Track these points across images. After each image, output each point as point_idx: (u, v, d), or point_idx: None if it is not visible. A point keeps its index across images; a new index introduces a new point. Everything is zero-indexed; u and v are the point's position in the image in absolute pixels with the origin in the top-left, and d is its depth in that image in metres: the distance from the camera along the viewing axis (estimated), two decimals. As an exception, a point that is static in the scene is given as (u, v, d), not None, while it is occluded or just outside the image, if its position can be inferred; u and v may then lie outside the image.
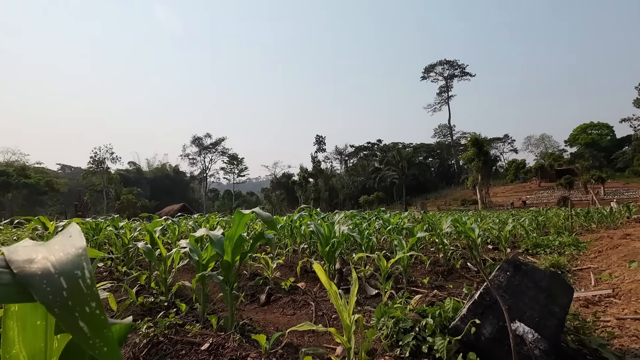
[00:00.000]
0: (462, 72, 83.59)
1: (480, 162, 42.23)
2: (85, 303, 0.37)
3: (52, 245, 0.42)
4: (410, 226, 5.55)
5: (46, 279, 0.36)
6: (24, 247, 0.43)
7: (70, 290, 0.37)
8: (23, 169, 57.19)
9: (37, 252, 0.40)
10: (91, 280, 0.40)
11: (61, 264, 0.38)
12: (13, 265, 0.37)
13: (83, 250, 0.42)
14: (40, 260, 0.38)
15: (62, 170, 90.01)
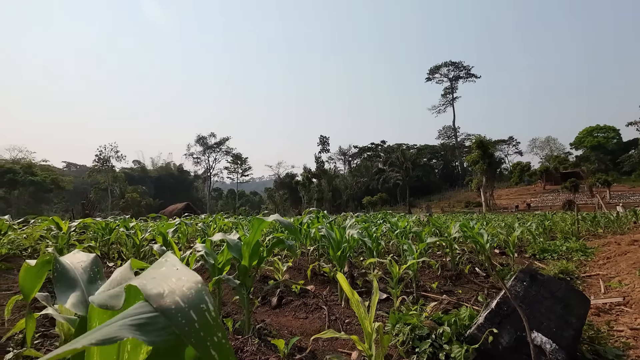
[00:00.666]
0: (467, 74, 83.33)
1: (485, 164, 42.08)
2: (214, 333, 0.41)
3: (169, 277, 0.46)
4: (418, 230, 5.57)
5: (180, 312, 0.40)
6: (152, 278, 0.47)
7: (201, 322, 0.41)
8: (29, 167, 57.71)
9: (161, 285, 0.44)
10: (215, 312, 0.44)
11: (187, 298, 0.42)
12: (150, 300, 0.41)
13: (202, 284, 0.46)
14: (169, 295, 0.42)
15: (68, 168, 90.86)
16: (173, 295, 0.42)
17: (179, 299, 0.41)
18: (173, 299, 0.41)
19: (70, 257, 0.93)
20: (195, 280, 0.47)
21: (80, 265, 0.91)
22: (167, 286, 0.43)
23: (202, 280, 0.48)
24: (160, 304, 0.40)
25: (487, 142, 44.82)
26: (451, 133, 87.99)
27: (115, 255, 5.94)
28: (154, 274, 0.49)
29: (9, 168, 53.40)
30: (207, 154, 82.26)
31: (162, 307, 0.39)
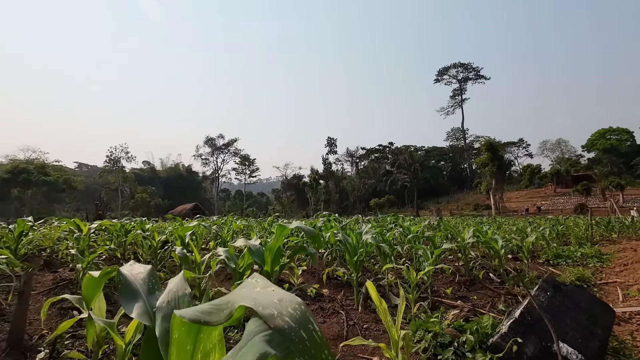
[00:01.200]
0: (476, 75, 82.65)
1: (494, 166, 41.62)
2: (322, 351, 0.45)
3: (271, 299, 0.51)
4: (431, 235, 5.57)
5: (293, 332, 0.45)
6: (253, 298, 0.52)
7: (311, 341, 0.45)
8: (43, 167, 58.88)
9: (269, 307, 0.48)
10: (320, 332, 0.48)
11: (296, 319, 0.47)
12: (265, 320, 0.45)
13: (304, 306, 0.51)
14: (279, 316, 0.46)
15: (79, 168, 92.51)
16: (283, 316, 0.46)
17: (289, 320, 0.46)
18: (284, 319, 0.46)
19: (128, 269, 0.99)
20: (298, 302, 0.52)
21: (139, 277, 0.97)
22: (274, 307, 0.48)
23: (303, 302, 0.53)
24: (275, 324, 0.44)
25: (496, 144, 44.31)
26: (460, 135, 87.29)
27: (131, 256, 6.06)
28: (253, 294, 0.53)
29: (23, 168, 54.59)
30: (216, 155, 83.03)
31: (277, 327, 0.44)
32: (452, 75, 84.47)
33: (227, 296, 0.58)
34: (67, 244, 5.69)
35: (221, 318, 0.52)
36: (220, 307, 0.55)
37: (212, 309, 0.56)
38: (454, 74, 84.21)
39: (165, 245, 6.00)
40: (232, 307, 0.51)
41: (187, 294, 0.97)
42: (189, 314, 0.60)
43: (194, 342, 0.70)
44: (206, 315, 0.56)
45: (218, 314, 0.54)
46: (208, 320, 0.56)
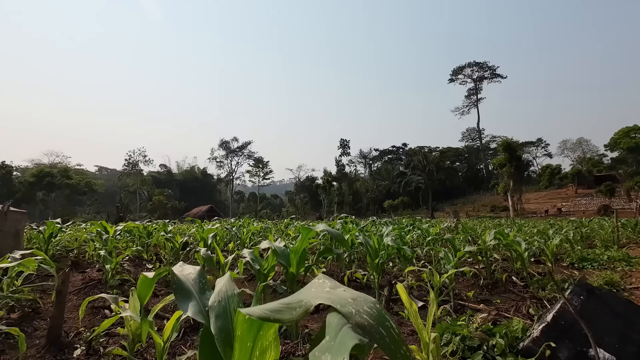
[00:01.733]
0: (492, 74, 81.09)
1: (512, 167, 40.65)
2: (400, 347, 0.48)
3: (345, 298, 0.54)
4: (451, 237, 5.50)
5: (373, 328, 0.48)
6: (328, 297, 0.55)
7: (390, 337, 0.48)
8: (65, 171, 61.11)
9: (347, 305, 0.51)
10: (398, 329, 0.51)
11: (373, 317, 0.50)
12: (347, 317, 0.48)
13: (379, 305, 0.54)
14: (357, 314, 0.49)
15: (100, 171, 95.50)
16: (361, 314, 0.49)
17: (367, 317, 0.49)
18: (362, 317, 0.49)
19: (179, 269, 1.04)
20: (372, 301, 0.55)
21: (190, 277, 1.02)
22: (350, 306, 0.51)
23: (377, 301, 0.56)
24: (356, 321, 0.47)
25: (514, 144, 43.30)
26: (475, 135, 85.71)
27: (153, 257, 6.23)
28: (326, 294, 0.56)
29: (48, 172, 56.78)
30: (230, 157, 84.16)
31: (358, 324, 0.47)
32: (467, 74, 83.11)
33: (297, 295, 0.61)
34: (94, 245, 5.90)
35: (294, 316, 0.56)
36: (291, 305, 0.58)
37: (282, 307, 0.60)
38: (468, 74, 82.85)
39: (187, 247, 6.14)
40: (307, 305, 0.54)
41: (235, 294, 1.02)
42: (256, 312, 0.64)
43: (253, 339, 0.74)
44: (276, 313, 0.60)
45: (290, 312, 0.57)
46: (279, 317, 0.59)
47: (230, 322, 0.94)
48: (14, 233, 4.85)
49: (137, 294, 1.17)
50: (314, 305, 0.52)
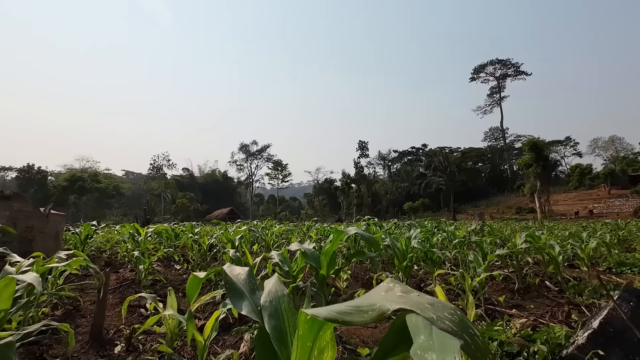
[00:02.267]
0: (516, 71, 78.48)
1: (538, 167, 39.10)
2: (486, 355, 0.48)
3: (422, 303, 0.55)
4: (478, 240, 5.36)
5: (457, 335, 0.48)
6: (403, 302, 0.56)
7: (475, 345, 0.48)
8: (95, 175, 64.07)
9: (426, 310, 0.52)
10: (482, 337, 0.52)
11: (456, 323, 0.50)
12: (434, 323, 0.49)
13: (460, 311, 0.55)
14: (440, 319, 0.50)
15: (126, 175, 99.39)
16: (442, 319, 0.49)
17: (450, 324, 0.49)
18: (445, 322, 0.49)
19: (229, 270, 1.08)
20: (451, 307, 0.55)
21: (240, 278, 1.05)
22: (429, 311, 0.52)
23: (456, 307, 0.56)
24: (440, 327, 0.48)
25: (540, 143, 41.62)
26: (499, 134, 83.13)
27: (181, 258, 6.42)
28: (400, 298, 0.57)
29: (79, 176, 59.72)
30: (250, 161, 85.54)
31: (444, 329, 0.47)
32: (489, 72, 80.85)
33: (367, 299, 0.62)
34: (126, 246, 6.15)
35: (365, 319, 0.56)
36: (361, 308, 0.59)
37: (351, 310, 0.60)
38: (491, 72, 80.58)
39: (213, 249, 6.29)
40: (382, 309, 0.54)
41: (285, 294, 1.04)
42: (322, 314, 0.65)
43: (313, 339, 0.76)
44: (344, 316, 0.61)
45: (360, 315, 0.58)
46: (348, 320, 0.60)
47: (282, 322, 0.96)
48: (54, 234, 5.12)
49: (186, 292, 1.22)
50: (391, 310, 0.53)
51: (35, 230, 4.79)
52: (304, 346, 0.76)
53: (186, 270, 5.73)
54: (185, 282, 5.34)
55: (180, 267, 5.92)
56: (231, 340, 2.90)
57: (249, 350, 2.43)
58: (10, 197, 4.64)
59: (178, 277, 5.49)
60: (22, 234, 4.65)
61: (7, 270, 1.81)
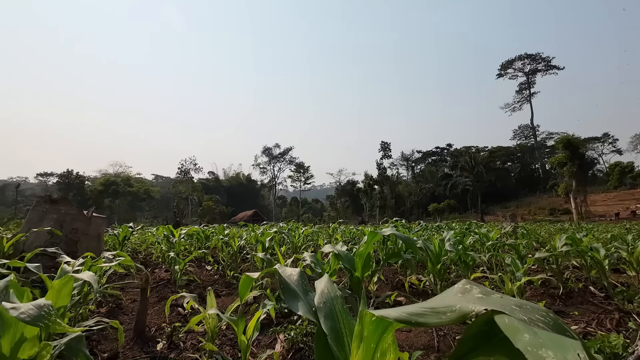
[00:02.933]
0: (547, 66, 74.87)
1: (574, 166, 37.04)
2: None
3: (509, 304, 0.54)
4: (513, 242, 5.14)
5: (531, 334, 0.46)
6: (485, 302, 0.55)
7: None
8: (128, 179, 67.26)
9: (515, 312, 0.51)
10: (583, 341, 0.50)
11: (550, 325, 0.49)
12: (531, 325, 0.48)
13: (553, 313, 0.54)
14: (532, 322, 0.48)
15: (156, 179, 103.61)
16: (536, 322, 0.48)
17: (544, 326, 0.47)
18: (539, 325, 0.48)
19: (281, 270, 1.10)
20: (542, 309, 0.54)
21: (292, 278, 1.07)
22: (520, 313, 0.50)
23: (547, 309, 0.55)
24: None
25: (575, 140, 39.40)
26: (529, 132, 79.62)
27: (211, 259, 6.59)
28: (482, 300, 0.56)
29: (113, 181, 62.91)
30: (272, 163, 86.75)
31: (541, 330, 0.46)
32: (518, 68, 77.61)
33: (442, 300, 0.61)
34: (161, 247, 6.41)
35: (443, 320, 0.55)
36: (437, 309, 0.58)
37: (425, 311, 0.60)
38: (519, 67, 77.33)
39: (242, 250, 6.42)
40: (464, 311, 0.53)
41: (338, 295, 1.05)
42: (392, 315, 0.65)
43: (377, 340, 0.76)
44: (418, 317, 0.60)
45: (437, 317, 0.57)
46: (422, 321, 0.59)
47: (338, 322, 0.97)
48: (96, 236, 5.41)
49: (239, 291, 1.25)
50: (475, 312, 0.51)
51: (80, 232, 5.08)
52: (367, 347, 0.76)
53: (217, 271, 5.88)
54: (217, 282, 5.47)
55: (211, 268, 6.09)
56: (266, 340, 2.94)
57: (285, 350, 2.46)
58: (58, 201, 4.95)
59: (209, 277, 5.65)
60: (68, 236, 4.94)
61: (65, 269, 1.94)
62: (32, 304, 1.18)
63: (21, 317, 1.12)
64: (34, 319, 1.13)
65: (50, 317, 1.16)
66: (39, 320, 1.14)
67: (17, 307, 1.15)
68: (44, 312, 1.16)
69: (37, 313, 1.15)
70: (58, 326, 1.16)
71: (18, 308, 1.15)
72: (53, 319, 1.15)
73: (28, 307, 1.15)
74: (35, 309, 1.15)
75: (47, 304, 1.19)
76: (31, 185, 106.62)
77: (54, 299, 1.75)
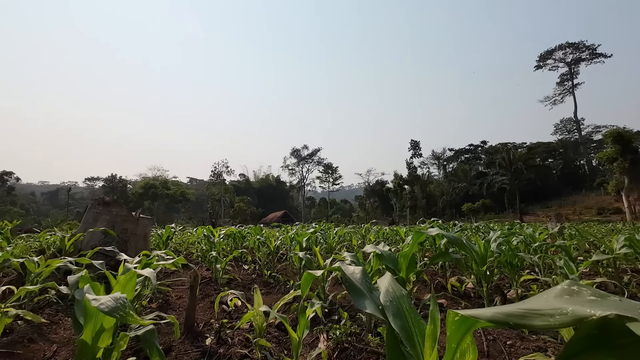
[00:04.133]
0: (592, 55, 69.58)
1: (626, 161, 34.11)
2: None
3: (634, 307, 0.51)
4: (564, 244, 4.81)
5: None
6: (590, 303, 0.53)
7: None
8: (165, 182, 70.89)
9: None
10: None
11: None
12: None
13: None
14: None
15: (191, 182, 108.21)
16: None
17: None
18: None
19: (344, 268, 1.10)
20: None
21: (356, 277, 1.07)
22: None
23: None
24: None
25: (627, 133, 36.22)
26: (572, 126, 74.40)
27: (249, 258, 6.77)
28: (597, 302, 0.53)
29: (152, 184, 66.54)
30: (301, 165, 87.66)
31: None
32: (558, 58, 72.81)
33: (545, 301, 0.58)
34: (201, 247, 6.68)
35: (550, 323, 0.52)
36: (540, 311, 0.55)
37: (526, 313, 0.57)
38: (560, 57, 72.49)
39: (278, 250, 6.54)
40: (579, 314, 0.50)
41: (404, 294, 1.03)
42: (486, 315, 0.63)
43: (459, 340, 0.74)
44: (517, 319, 0.57)
45: (543, 319, 0.53)
46: (523, 323, 0.56)
47: (406, 321, 0.96)
48: (143, 236, 5.75)
49: (302, 288, 1.28)
50: (597, 316, 0.48)
51: (129, 232, 5.42)
52: (450, 347, 0.75)
53: (254, 270, 6.03)
54: (255, 281, 5.59)
55: (248, 267, 6.26)
56: (307, 338, 2.97)
57: (330, 350, 2.47)
58: (110, 204, 5.31)
59: (247, 276, 5.80)
60: (119, 236, 5.28)
61: (127, 267, 2.07)
62: (110, 296, 1.27)
63: (101, 308, 1.21)
64: (111, 310, 1.22)
65: (125, 310, 1.25)
66: (115, 311, 1.22)
67: (98, 298, 1.25)
68: (119, 304, 1.25)
69: (114, 305, 1.24)
70: (131, 318, 1.25)
71: (98, 299, 1.24)
72: (127, 311, 1.24)
73: (107, 299, 1.25)
74: (113, 301, 1.24)
75: (122, 297, 1.28)
76: (80, 189, 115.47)
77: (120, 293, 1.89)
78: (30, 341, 2.67)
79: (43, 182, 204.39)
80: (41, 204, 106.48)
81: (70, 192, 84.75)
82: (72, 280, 1.85)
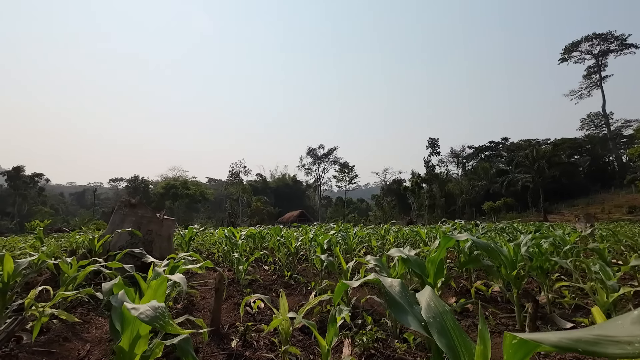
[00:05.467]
0: (621, 45, 66.13)
1: (660, 157, 32.29)
2: None
3: None
4: (596, 246, 4.59)
5: None
6: None
7: None
8: (185, 183, 72.57)
9: None
10: None
11: None
12: None
13: None
14: None
15: (209, 182, 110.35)
16: None
17: None
18: None
19: (382, 280, 1.08)
20: None
21: (395, 290, 1.04)
22: None
23: None
24: None
25: (661, 128, 34.30)
26: (600, 121, 71.05)
27: (270, 259, 6.83)
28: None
29: (172, 184, 68.29)
30: (317, 164, 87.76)
31: None
32: (585, 50, 69.60)
33: (621, 327, 0.54)
34: (222, 247, 6.78)
35: (627, 352, 0.49)
36: (615, 338, 0.51)
37: (598, 339, 0.53)
38: (586, 49, 69.29)
39: (298, 251, 6.56)
40: None
41: (447, 310, 1.00)
42: (551, 340, 0.59)
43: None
44: (588, 345, 0.54)
45: (619, 346, 0.50)
46: (595, 350, 0.52)
47: (452, 340, 0.92)
48: (167, 236, 5.89)
49: (334, 295, 1.26)
50: None
51: (154, 233, 5.55)
52: (506, 371, 0.71)
53: (274, 271, 6.06)
54: (276, 282, 5.61)
55: (268, 268, 6.30)
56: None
57: (357, 355, 2.44)
58: (136, 205, 5.47)
59: (268, 277, 5.84)
60: (145, 237, 5.43)
61: (157, 271, 2.11)
62: (149, 305, 1.29)
63: (141, 317, 1.23)
64: (151, 320, 1.24)
65: (164, 318, 1.26)
66: (155, 320, 1.24)
67: (137, 307, 1.27)
68: (158, 313, 1.27)
69: (153, 314, 1.26)
70: (170, 327, 1.26)
71: (137, 308, 1.27)
72: (167, 321, 1.25)
73: (146, 308, 1.27)
74: (152, 310, 1.26)
75: (160, 306, 1.30)
76: (105, 190, 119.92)
77: (151, 298, 1.93)
78: (65, 340, 2.77)
79: (71, 183, 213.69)
80: (69, 204, 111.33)
81: (96, 193, 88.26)
82: (106, 287, 1.90)
